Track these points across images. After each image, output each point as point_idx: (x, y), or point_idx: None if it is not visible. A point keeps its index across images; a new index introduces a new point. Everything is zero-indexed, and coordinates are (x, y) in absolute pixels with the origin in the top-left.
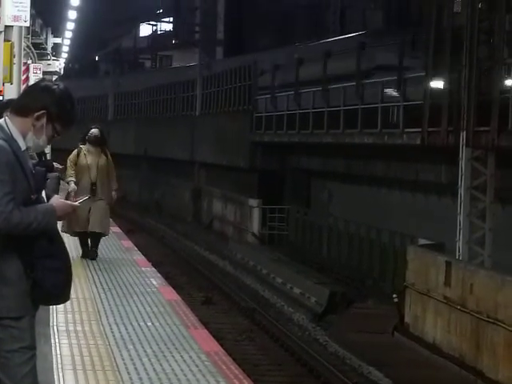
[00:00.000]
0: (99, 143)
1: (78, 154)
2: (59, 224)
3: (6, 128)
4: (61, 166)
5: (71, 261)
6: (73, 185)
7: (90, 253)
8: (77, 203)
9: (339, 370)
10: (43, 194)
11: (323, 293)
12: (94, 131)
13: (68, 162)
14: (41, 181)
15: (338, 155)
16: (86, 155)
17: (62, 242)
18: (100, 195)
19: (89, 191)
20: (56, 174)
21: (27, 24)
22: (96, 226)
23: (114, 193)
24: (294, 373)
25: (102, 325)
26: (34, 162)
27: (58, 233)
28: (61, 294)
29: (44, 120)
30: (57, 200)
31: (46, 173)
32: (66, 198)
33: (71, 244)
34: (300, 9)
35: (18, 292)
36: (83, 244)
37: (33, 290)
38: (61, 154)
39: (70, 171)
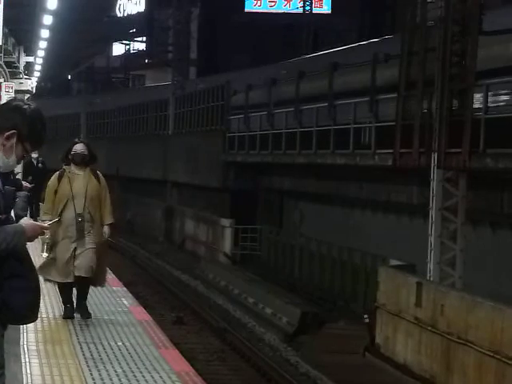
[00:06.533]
0: (86, 163)
1: (60, 179)
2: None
3: None
4: (30, 185)
5: (39, 282)
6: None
7: (79, 310)
8: (46, 224)
9: None
10: (12, 213)
11: (295, 313)
12: (79, 147)
13: (46, 189)
14: (10, 200)
15: (311, 175)
16: (71, 179)
17: (31, 262)
18: (89, 231)
19: (74, 226)
20: (25, 192)
21: None
22: (83, 270)
23: (105, 228)
24: None
25: (73, 344)
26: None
27: (27, 253)
28: (29, 314)
29: (14, 140)
30: (26, 220)
31: (16, 192)
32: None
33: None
34: (274, 29)
35: None
36: (66, 300)
37: (0, 309)
38: None
39: (47, 205)
